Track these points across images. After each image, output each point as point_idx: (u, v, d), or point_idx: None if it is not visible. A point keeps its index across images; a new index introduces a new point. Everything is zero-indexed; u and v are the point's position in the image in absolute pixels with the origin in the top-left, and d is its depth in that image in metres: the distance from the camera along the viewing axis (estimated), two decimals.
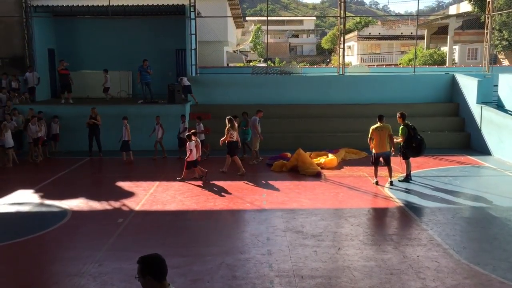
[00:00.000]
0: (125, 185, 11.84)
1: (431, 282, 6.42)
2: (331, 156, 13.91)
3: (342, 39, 20.16)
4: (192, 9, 18.38)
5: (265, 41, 35.87)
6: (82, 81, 18.55)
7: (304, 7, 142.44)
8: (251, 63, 39.24)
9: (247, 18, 61.42)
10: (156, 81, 18.15)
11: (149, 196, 10.83)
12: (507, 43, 31.41)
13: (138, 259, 3.24)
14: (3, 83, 17.39)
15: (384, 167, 11.69)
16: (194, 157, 11.97)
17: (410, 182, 11.74)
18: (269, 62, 33.86)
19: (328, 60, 57.03)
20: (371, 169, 11.78)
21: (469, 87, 17.06)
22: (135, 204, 10.20)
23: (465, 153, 15.54)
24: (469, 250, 7.64)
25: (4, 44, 18.67)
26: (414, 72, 20.51)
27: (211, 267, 6.94)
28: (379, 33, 55.61)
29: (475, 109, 16.46)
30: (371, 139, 11.47)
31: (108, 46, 20.47)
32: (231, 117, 12.83)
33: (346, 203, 10.29)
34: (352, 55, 54.10)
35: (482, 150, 15.69)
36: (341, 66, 19.81)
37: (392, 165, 11.69)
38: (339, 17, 20.58)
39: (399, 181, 11.86)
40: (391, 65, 39.60)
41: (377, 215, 9.71)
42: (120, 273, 6.77)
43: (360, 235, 8.30)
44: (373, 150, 11.54)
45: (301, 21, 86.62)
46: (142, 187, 11.60)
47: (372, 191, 11.16)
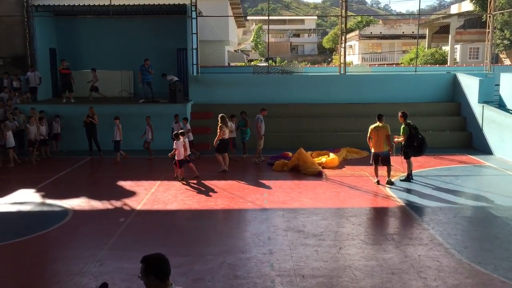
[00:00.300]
0: (126, 184, 11.85)
1: (432, 281, 6.41)
2: (332, 155, 13.91)
3: (343, 38, 20.11)
4: (193, 9, 18.35)
5: (266, 41, 35.79)
6: (83, 80, 18.55)
7: (305, 6, 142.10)
8: (252, 63, 39.12)
9: (248, 18, 61.23)
10: (157, 80, 18.18)
11: (150, 195, 10.83)
12: (508, 42, 31.29)
13: (141, 258, 3.22)
14: (5, 82, 17.42)
15: (384, 166, 11.69)
16: (181, 156, 11.98)
17: (412, 182, 11.73)
18: (270, 61, 33.82)
19: (329, 59, 56.87)
20: (372, 168, 11.77)
21: (470, 86, 17.03)
22: (136, 203, 10.21)
23: (466, 152, 15.52)
24: (471, 249, 7.63)
25: (6, 43, 18.69)
26: (415, 72, 20.49)
27: (212, 266, 6.94)
28: (380, 33, 55.47)
29: (477, 108, 16.44)
30: (370, 138, 11.52)
31: (109, 45, 20.49)
32: (223, 115, 12.89)
33: (347, 202, 10.28)
34: (354, 54, 54.03)
35: (484, 149, 15.67)
36: (342, 65, 19.79)
37: (393, 164, 11.68)
38: (340, 17, 20.56)
39: (401, 180, 11.86)
40: (393, 64, 39.45)
41: (378, 214, 9.70)
42: (122, 273, 6.78)
43: (361, 234, 8.30)
44: (372, 150, 11.60)
45: (302, 21, 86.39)
46: (143, 186, 11.61)
47: (373, 191, 11.15)
